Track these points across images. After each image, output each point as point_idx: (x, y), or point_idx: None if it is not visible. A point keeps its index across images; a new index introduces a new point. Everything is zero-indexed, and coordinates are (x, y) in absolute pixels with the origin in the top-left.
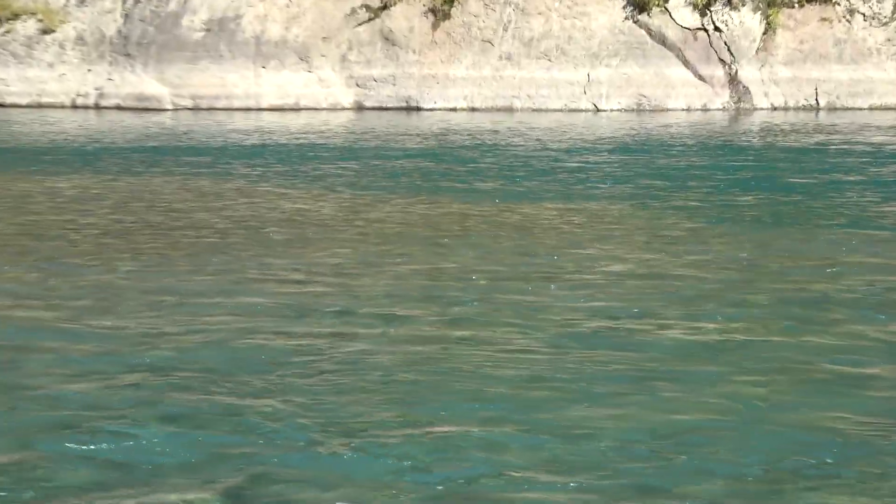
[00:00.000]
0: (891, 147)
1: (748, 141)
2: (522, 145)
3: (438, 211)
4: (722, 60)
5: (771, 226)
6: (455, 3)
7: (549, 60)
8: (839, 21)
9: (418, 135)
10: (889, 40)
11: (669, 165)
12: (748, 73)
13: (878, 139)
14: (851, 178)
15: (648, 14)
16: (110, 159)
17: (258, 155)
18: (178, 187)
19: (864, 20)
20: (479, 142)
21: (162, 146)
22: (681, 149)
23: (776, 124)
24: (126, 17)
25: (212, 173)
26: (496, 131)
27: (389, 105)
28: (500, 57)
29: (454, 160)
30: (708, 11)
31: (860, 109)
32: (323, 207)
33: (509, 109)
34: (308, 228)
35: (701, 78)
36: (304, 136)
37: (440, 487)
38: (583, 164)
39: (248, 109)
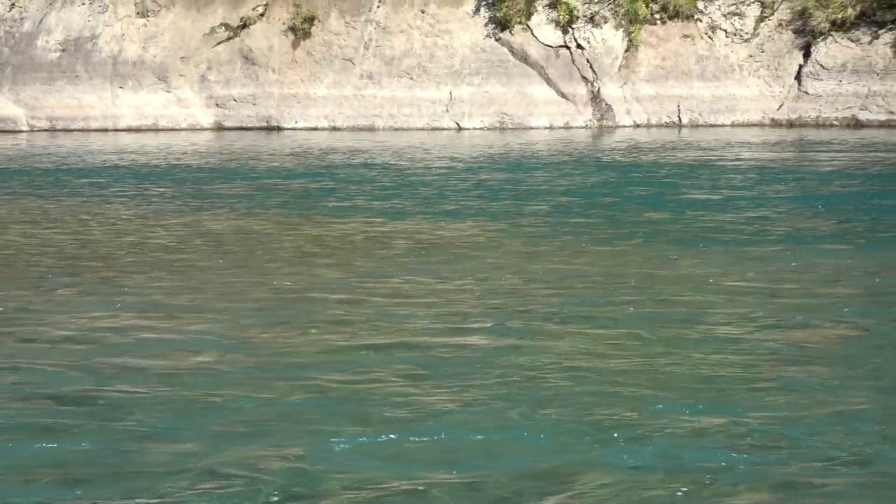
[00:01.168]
0: (760, 162)
1: (609, 158)
2: (384, 164)
3: (304, 230)
4: (584, 78)
5: (625, 240)
6: (315, 22)
7: (411, 79)
8: (701, 38)
9: (283, 154)
10: (751, 57)
11: (528, 182)
12: (610, 90)
13: (746, 154)
14: (720, 195)
15: (510, 32)
16: None
17: (110, 175)
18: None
19: (726, 37)
20: (343, 161)
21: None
22: (540, 166)
23: (639, 141)
24: None
25: (50, 195)
26: (359, 150)
27: (250, 125)
28: (362, 76)
29: (322, 178)
30: (570, 29)
31: (722, 126)
32: (182, 230)
33: (371, 129)
34: (151, 253)
35: (563, 96)
36: (162, 157)
37: None
38: (444, 182)
39: (106, 130)
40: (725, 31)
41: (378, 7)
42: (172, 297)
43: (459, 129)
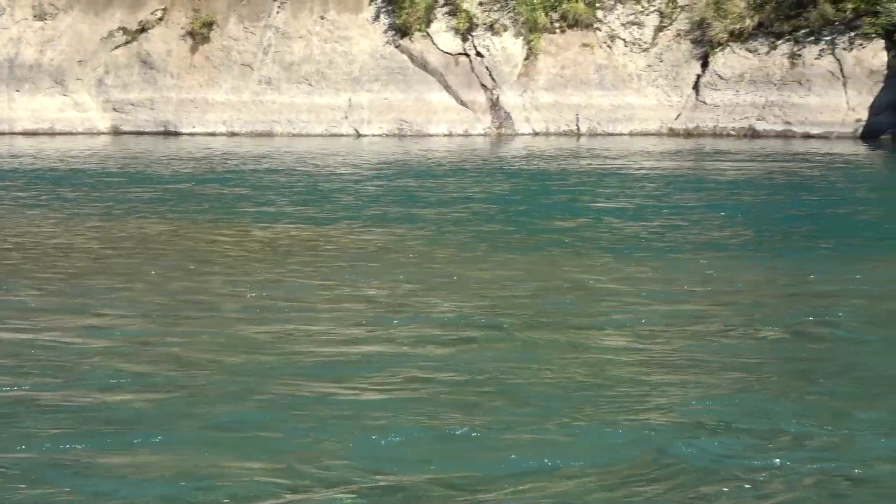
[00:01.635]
0: (664, 171)
1: (517, 166)
2: (291, 170)
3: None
4: (484, 86)
5: (516, 249)
6: (214, 27)
7: (310, 85)
8: (600, 47)
9: (185, 158)
10: (649, 66)
11: (424, 189)
12: (510, 98)
13: (649, 164)
14: (625, 203)
15: (410, 39)
16: None
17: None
18: None
19: (625, 46)
20: (248, 167)
21: None
22: (450, 173)
23: (540, 149)
24: None
25: None
26: (263, 156)
27: (147, 129)
28: (260, 81)
29: (230, 183)
30: (470, 37)
31: (621, 135)
32: (73, 234)
33: (269, 134)
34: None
35: (463, 103)
36: (62, 161)
37: None
38: (355, 188)
39: (2, 134)
40: (624, 40)
41: (277, 12)
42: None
43: (358, 135)
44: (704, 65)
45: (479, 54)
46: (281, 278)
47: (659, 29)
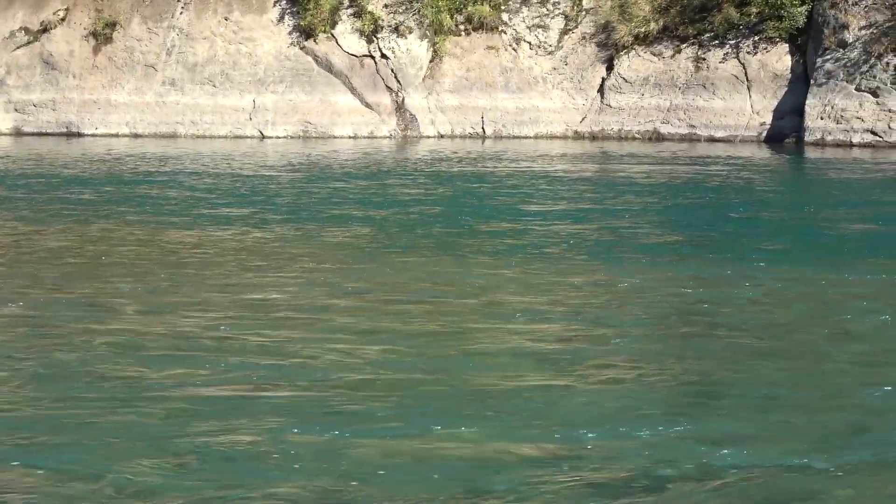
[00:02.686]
0: (574, 174)
1: (432, 168)
2: (199, 172)
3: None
4: (389, 88)
5: (423, 250)
6: (117, 27)
7: (214, 86)
8: (506, 50)
9: (91, 160)
10: (555, 69)
11: (325, 191)
12: (415, 100)
13: (561, 166)
14: (523, 206)
15: (315, 41)
16: None
17: None
18: None
19: (531, 49)
20: (154, 169)
21: None
22: (344, 175)
23: (448, 152)
24: None
25: None
26: (169, 158)
27: (49, 131)
28: (164, 82)
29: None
30: (375, 38)
31: (526, 138)
32: None
33: (173, 136)
34: None
35: (368, 105)
36: None
37: None
38: (250, 189)
39: None
40: (530, 43)
41: (181, 13)
42: None
43: (263, 137)
44: (609, 68)
45: (384, 56)
46: (176, 280)
47: (564, 32)
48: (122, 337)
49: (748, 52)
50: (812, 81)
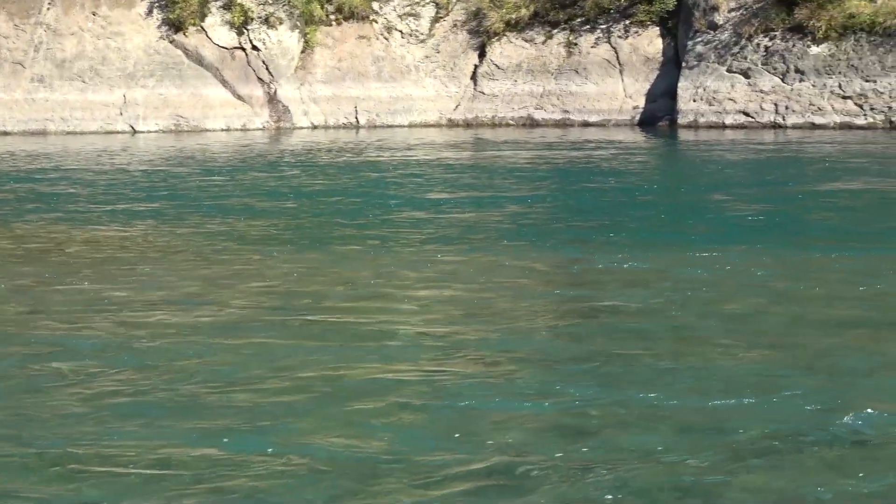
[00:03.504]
0: (457, 161)
1: (295, 159)
2: (58, 169)
3: None
4: (261, 80)
5: (299, 244)
6: None
7: (84, 82)
8: (377, 39)
9: None
10: (427, 57)
11: (193, 185)
12: (287, 91)
13: (447, 154)
14: (400, 195)
15: (185, 34)
16: None
17: None
18: None
19: (402, 37)
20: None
21: None
22: (217, 168)
23: (326, 142)
24: None
25: None
26: (42, 155)
27: None
28: (32, 79)
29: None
30: (245, 30)
31: (400, 127)
32: None
33: (43, 133)
34: None
35: (240, 98)
36: None
37: None
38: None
39: None
40: (401, 31)
41: (48, 9)
42: None
43: (134, 132)
44: (482, 55)
45: (255, 48)
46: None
47: (435, 20)
48: None
49: (619, 37)
50: (684, 64)
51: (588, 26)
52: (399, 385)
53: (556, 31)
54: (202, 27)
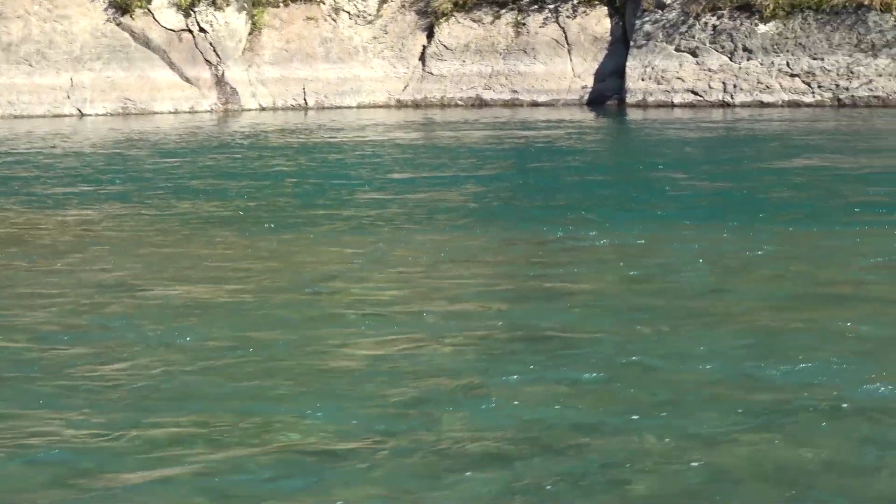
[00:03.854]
0: (396, 143)
1: (248, 141)
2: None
3: None
4: (208, 62)
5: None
6: None
7: (31, 66)
8: (325, 20)
9: None
10: (375, 38)
11: (148, 168)
12: (235, 73)
13: (399, 134)
14: (354, 178)
15: (131, 16)
16: None
17: None
18: None
19: (350, 18)
20: None
21: None
22: (166, 151)
23: (267, 124)
24: None
25: None
26: None
27: None
28: None
29: None
30: (192, 12)
31: (348, 108)
32: None
33: None
34: None
35: (187, 80)
36: None
37: None
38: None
39: None
40: (349, 12)
41: None
42: None
43: (82, 115)
44: (430, 36)
45: (202, 30)
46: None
47: (383, 1)
48: None
49: (568, 16)
50: (632, 43)
51: (536, 6)
52: (358, 366)
53: (504, 11)
54: (149, 9)
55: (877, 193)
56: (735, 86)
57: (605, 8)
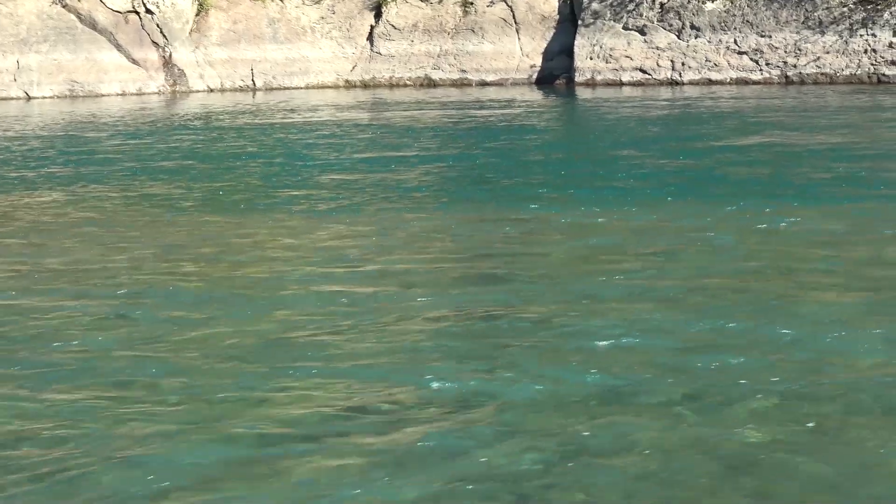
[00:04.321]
0: (343, 123)
1: (189, 123)
2: None
3: None
4: (155, 43)
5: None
6: None
7: None
8: (272, 0)
9: None
10: (323, 18)
11: (111, 149)
12: (182, 55)
13: (332, 116)
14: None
15: None
16: None
17: None
18: None
19: None
20: None
21: None
22: (124, 133)
23: (215, 105)
24: None
25: None
26: None
27: None
28: None
29: None
30: None
31: (297, 88)
32: None
33: None
34: None
35: (134, 62)
36: None
37: None
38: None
39: None
40: None
41: None
42: None
43: (28, 98)
44: (378, 16)
45: (148, 11)
46: None
47: None
48: None
49: None
50: (580, 22)
51: None
52: (331, 347)
53: None
54: None
55: (835, 169)
56: (683, 63)
57: None
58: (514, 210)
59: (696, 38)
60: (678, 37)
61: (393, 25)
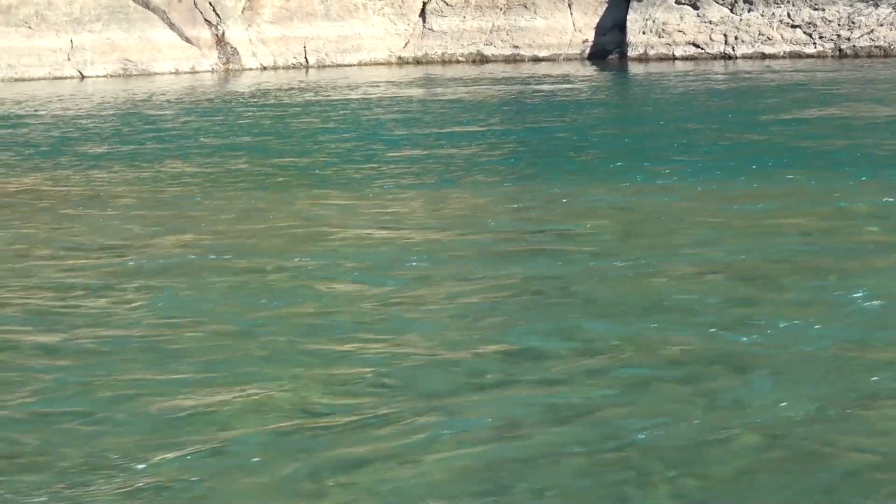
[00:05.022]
0: (401, 99)
1: (246, 101)
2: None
3: None
4: (208, 21)
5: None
6: None
7: (30, 28)
8: None
9: None
10: None
11: (179, 126)
12: (235, 33)
13: (386, 93)
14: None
15: None
16: None
17: None
18: None
19: None
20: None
21: None
22: (188, 110)
23: (269, 83)
24: None
25: None
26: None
27: None
28: None
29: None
30: None
31: (350, 66)
32: None
33: None
34: None
35: (187, 40)
36: None
37: None
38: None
39: None
40: None
41: None
42: None
43: (82, 77)
44: None
45: None
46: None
47: None
48: None
49: None
50: None
51: None
52: (368, 325)
53: None
54: None
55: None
56: (736, 38)
57: None
58: (581, 183)
59: (748, 11)
60: (731, 11)
61: (445, 2)
